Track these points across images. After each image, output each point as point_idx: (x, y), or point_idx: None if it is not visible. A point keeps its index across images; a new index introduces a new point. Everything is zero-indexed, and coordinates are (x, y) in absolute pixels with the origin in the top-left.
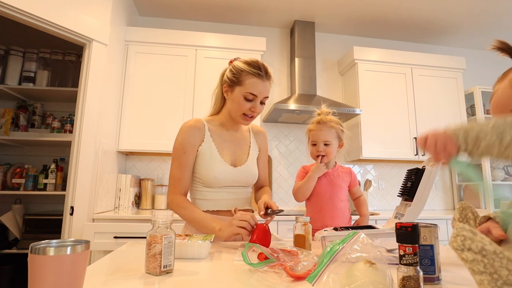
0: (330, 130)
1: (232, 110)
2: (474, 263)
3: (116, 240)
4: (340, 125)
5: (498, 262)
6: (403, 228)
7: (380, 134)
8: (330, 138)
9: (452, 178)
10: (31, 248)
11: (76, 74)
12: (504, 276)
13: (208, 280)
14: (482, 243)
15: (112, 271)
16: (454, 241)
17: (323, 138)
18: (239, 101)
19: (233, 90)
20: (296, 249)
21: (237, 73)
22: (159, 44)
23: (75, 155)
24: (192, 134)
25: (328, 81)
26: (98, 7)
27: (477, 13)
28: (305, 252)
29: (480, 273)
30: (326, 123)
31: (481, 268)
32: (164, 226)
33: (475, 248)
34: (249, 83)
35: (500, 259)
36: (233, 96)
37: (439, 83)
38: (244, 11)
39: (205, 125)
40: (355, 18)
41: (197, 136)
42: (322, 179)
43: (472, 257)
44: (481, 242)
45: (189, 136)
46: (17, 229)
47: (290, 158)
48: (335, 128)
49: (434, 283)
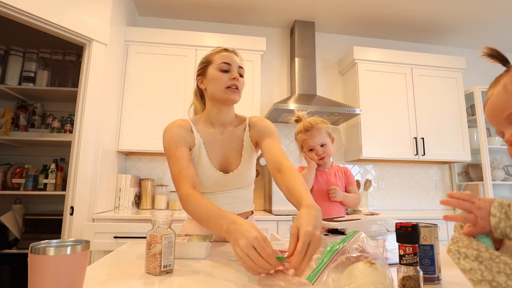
0: (320, 131)
1: (214, 90)
2: (472, 273)
3: (116, 240)
4: (324, 122)
5: (495, 267)
6: (403, 228)
7: (380, 134)
8: (324, 139)
9: (452, 178)
10: (31, 248)
11: (76, 74)
12: (503, 282)
13: (208, 280)
14: (477, 250)
15: (112, 271)
16: (449, 250)
17: (318, 142)
18: (216, 76)
19: (206, 73)
20: None
21: (204, 59)
22: (159, 44)
23: (75, 155)
24: (179, 131)
25: (328, 81)
26: (98, 7)
27: (477, 13)
28: None
29: (479, 281)
30: (314, 127)
31: (479, 277)
32: (164, 226)
33: (471, 255)
34: (218, 57)
35: (497, 264)
36: (209, 76)
37: (439, 83)
38: (244, 11)
39: (191, 126)
40: (355, 18)
41: (185, 134)
42: (318, 178)
43: (469, 266)
44: (476, 249)
45: (177, 133)
46: (17, 229)
47: (290, 158)
48: (323, 128)
49: (434, 283)
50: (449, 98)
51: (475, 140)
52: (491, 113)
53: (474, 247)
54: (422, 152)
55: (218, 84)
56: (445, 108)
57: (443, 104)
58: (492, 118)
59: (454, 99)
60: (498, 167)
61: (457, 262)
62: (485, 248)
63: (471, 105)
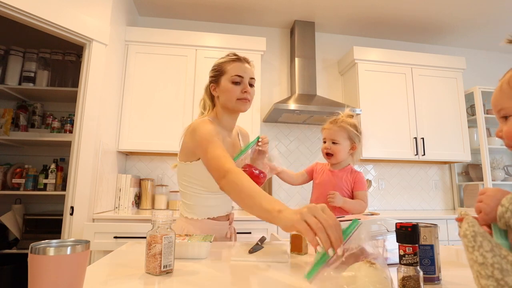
0: (340, 129)
1: (226, 101)
2: (482, 267)
3: (116, 240)
4: (355, 128)
5: (505, 265)
6: (403, 228)
7: (380, 134)
8: (338, 137)
9: (452, 178)
10: (31, 248)
11: (76, 74)
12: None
13: (208, 280)
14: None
15: (112, 271)
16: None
17: (331, 137)
18: (228, 88)
19: (219, 82)
20: None
21: (217, 67)
22: (159, 44)
23: (75, 155)
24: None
25: (328, 81)
26: (98, 7)
27: (477, 13)
28: None
29: (487, 277)
30: (338, 123)
31: (489, 273)
32: (164, 226)
33: (487, 246)
34: (232, 67)
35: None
36: (222, 87)
37: (439, 83)
38: (244, 11)
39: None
40: (355, 18)
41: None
42: (325, 178)
43: (482, 260)
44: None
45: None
46: (17, 229)
47: (290, 158)
48: (346, 129)
49: (434, 283)
50: (449, 98)
51: (475, 140)
52: (492, 106)
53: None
54: (422, 152)
55: (230, 96)
56: (445, 108)
57: (443, 104)
58: (493, 111)
59: (454, 99)
60: (498, 167)
61: (471, 252)
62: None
63: (471, 105)
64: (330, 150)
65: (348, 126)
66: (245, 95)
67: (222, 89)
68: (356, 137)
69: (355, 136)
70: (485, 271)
